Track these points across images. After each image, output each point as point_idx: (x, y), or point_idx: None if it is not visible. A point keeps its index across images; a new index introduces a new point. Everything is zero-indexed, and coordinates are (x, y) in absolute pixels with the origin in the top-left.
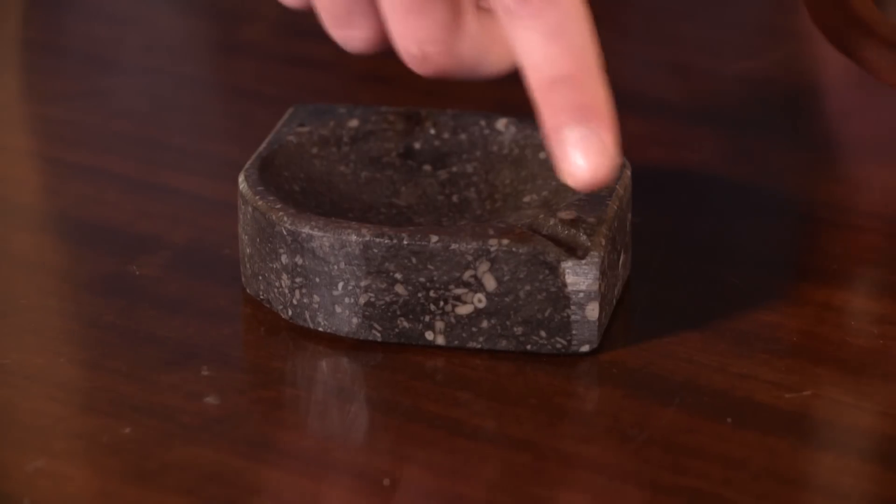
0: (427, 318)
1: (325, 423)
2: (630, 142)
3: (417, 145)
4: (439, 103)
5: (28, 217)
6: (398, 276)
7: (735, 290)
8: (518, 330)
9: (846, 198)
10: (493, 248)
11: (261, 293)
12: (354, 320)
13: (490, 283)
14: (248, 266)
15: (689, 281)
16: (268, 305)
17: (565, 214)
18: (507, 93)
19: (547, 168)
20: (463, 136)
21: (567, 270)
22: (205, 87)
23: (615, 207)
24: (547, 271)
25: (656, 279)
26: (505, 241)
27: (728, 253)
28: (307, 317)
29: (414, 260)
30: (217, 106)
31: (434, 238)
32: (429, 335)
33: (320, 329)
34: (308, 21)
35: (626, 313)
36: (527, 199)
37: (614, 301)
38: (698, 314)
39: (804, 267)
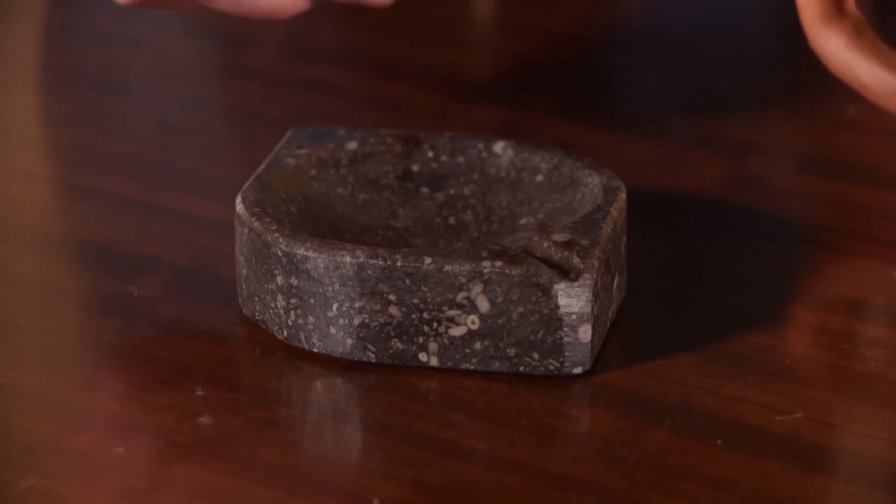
0: (421, 340)
1: (317, 443)
2: (632, 165)
3: (415, 168)
4: (442, 126)
5: (29, 238)
6: (392, 297)
7: (731, 313)
8: (511, 351)
9: (846, 222)
10: (486, 270)
11: (257, 314)
12: (349, 341)
13: (483, 304)
14: (244, 287)
15: (685, 304)
16: (263, 326)
17: (559, 237)
18: (508, 116)
19: (543, 191)
20: (461, 159)
21: (560, 292)
22: (210, 110)
23: (609, 230)
24: (540, 293)
25: (652, 302)
26: (498, 263)
27: (725, 276)
28: (302, 338)
29: (408, 281)
30: (221, 128)
31: (428, 260)
32: (422, 356)
33: (315, 350)
34: (314, 44)
35: (620, 335)
36: (523, 221)
37: (608, 323)
38: (693, 337)
39: (801, 290)
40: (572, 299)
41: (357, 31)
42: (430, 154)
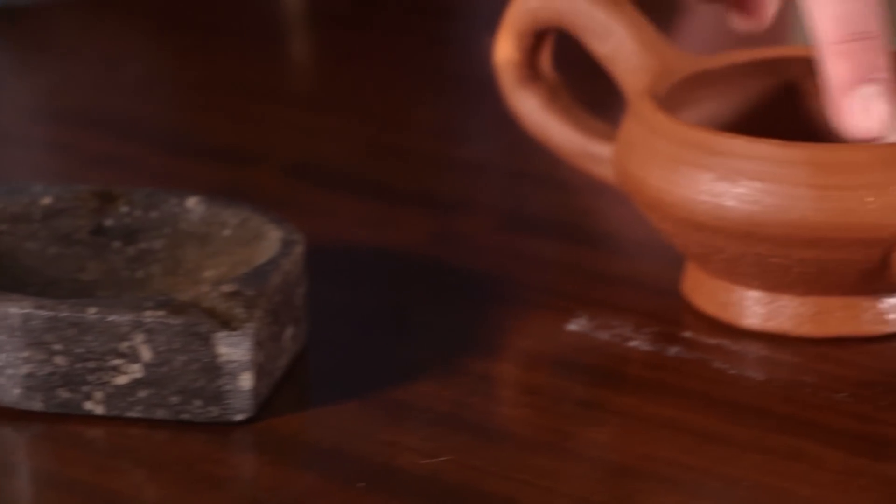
0: (86, 389)
1: None
2: (343, 222)
3: (109, 222)
4: (167, 185)
5: None
6: (58, 347)
7: (404, 363)
8: (174, 399)
9: (532, 276)
10: (148, 320)
11: None
12: (16, 391)
13: (146, 353)
14: None
15: (363, 353)
16: None
17: (227, 288)
18: (233, 175)
19: (230, 245)
20: (154, 214)
21: (220, 341)
22: None
23: (278, 281)
24: (200, 342)
25: (332, 352)
26: (160, 313)
27: (407, 328)
28: None
29: (73, 331)
30: None
31: (92, 310)
32: (88, 405)
33: None
34: (58, 106)
35: (293, 384)
36: (207, 274)
37: (279, 372)
38: (363, 385)
39: (475, 341)
40: (232, 348)
41: (102, 93)
42: (125, 209)
